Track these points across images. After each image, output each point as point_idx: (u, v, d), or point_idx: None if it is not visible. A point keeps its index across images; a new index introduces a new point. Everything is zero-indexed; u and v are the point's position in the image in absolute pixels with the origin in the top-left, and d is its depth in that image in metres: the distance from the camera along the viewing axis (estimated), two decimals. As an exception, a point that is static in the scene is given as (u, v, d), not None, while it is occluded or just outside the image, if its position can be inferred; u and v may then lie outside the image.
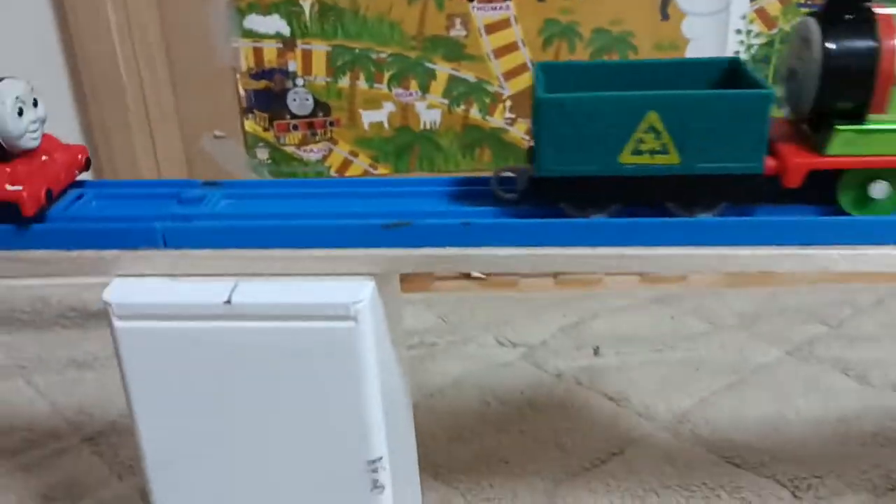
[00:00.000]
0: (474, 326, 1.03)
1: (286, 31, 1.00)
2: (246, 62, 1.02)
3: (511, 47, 1.03)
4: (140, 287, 0.51)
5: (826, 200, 0.53)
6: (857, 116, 0.52)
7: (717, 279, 1.16)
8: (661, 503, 0.76)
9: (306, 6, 0.99)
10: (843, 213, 0.53)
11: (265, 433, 0.52)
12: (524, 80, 1.04)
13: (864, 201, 0.53)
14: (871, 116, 0.51)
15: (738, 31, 1.03)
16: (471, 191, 0.56)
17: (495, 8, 1.00)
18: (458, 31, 1.01)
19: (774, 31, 1.03)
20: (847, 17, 0.51)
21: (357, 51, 1.01)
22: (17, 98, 0.53)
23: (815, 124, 0.53)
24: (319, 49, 1.01)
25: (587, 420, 0.87)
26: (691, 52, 1.04)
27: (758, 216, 0.53)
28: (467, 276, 1.16)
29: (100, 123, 1.00)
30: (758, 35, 1.03)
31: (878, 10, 0.52)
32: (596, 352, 0.99)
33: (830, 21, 0.51)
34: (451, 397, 0.91)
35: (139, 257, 0.51)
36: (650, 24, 1.02)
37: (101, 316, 1.05)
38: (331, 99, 1.03)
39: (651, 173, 0.51)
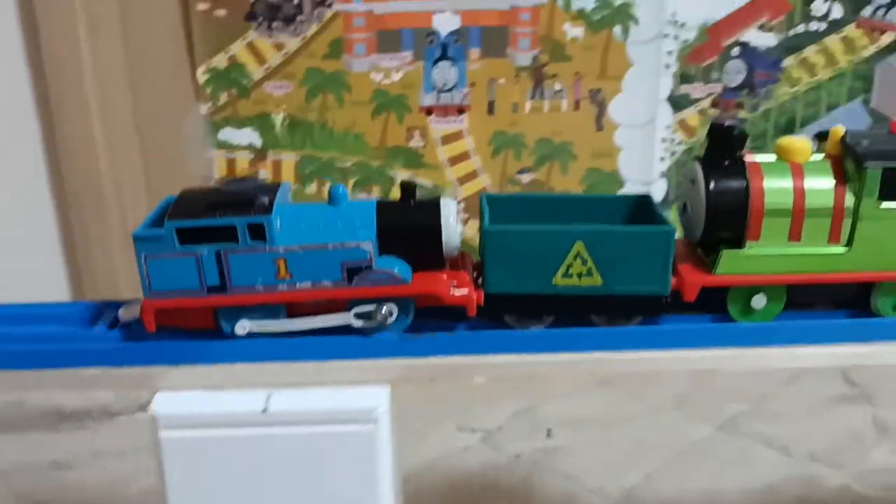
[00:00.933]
0: (434, 414, 1.10)
1: (258, 142, 1.09)
2: (219, 171, 1.09)
3: (464, 156, 1.13)
4: (183, 399, 0.57)
5: (719, 310, 0.64)
6: (738, 242, 0.63)
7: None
8: (624, 572, 0.84)
9: (278, 120, 1.08)
10: (732, 320, 0.64)
11: (291, 526, 0.59)
12: (476, 185, 1.15)
13: (748, 311, 0.64)
14: (749, 243, 0.62)
15: (664, 140, 1.16)
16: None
17: (450, 121, 1.11)
18: (416, 142, 1.11)
19: (694, 138, 1.17)
20: (724, 163, 0.63)
21: (324, 160, 1.10)
22: (456, 212, 0.61)
23: (705, 248, 0.64)
24: (289, 159, 1.10)
25: (548, 498, 0.95)
26: (623, 160, 1.16)
27: (664, 325, 0.63)
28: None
29: (82, 232, 1.06)
30: (680, 143, 1.17)
31: (748, 158, 0.64)
32: (549, 434, 1.08)
33: (711, 166, 0.63)
34: (421, 482, 0.98)
35: (182, 372, 0.58)
36: (587, 135, 1.15)
37: (75, 417, 1.08)
38: (299, 203, 1.11)
39: (579, 293, 0.61)
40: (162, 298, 0.58)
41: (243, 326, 0.59)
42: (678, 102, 1.15)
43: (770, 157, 0.64)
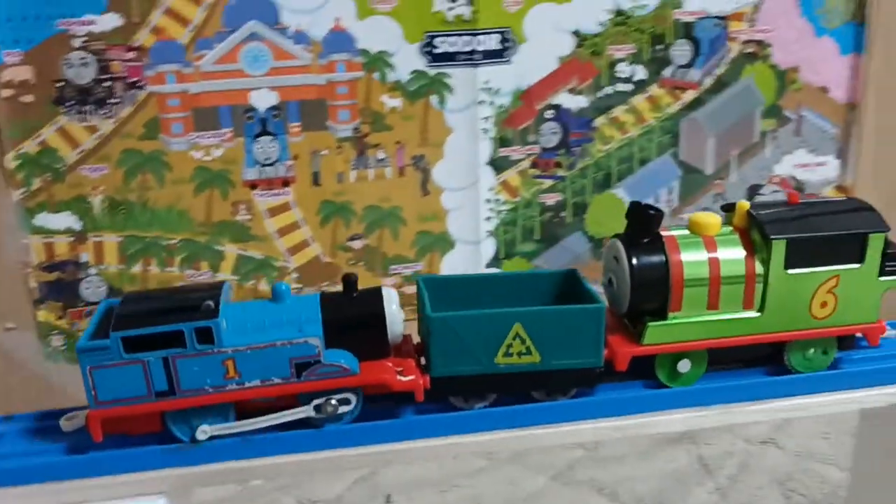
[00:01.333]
0: (273, 489, 1.10)
1: (77, 225, 1.07)
2: (37, 256, 1.07)
3: (293, 227, 1.14)
4: (-51, 530, 0.56)
5: (648, 376, 0.69)
6: (662, 313, 0.68)
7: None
8: None
9: (96, 202, 1.06)
10: (661, 385, 0.69)
11: None
12: (307, 254, 1.16)
13: (675, 374, 0.69)
14: (671, 314, 0.68)
15: (489, 201, 1.20)
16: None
17: (275, 194, 1.12)
18: (243, 216, 1.12)
19: (518, 198, 1.21)
20: (643, 239, 0.68)
21: (148, 239, 1.09)
22: (398, 300, 0.64)
23: (631, 318, 0.69)
24: (111, 240, 1.08)
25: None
26: (451, 221, 1.20)
27: (599, 394, 0.68)
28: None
29: None
30: (504, 203, 1.21)
31: (664, 233, 0.68)
32: (388, 501, 1.09)
33: (632, 243, 0.68)
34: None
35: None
36: (414, 200, 1.17)
37: None
38: (124, 284, 1.09)
39: (519, 370, 0.64)
40: (109, 408, 0.58)
41: (204, 431, 0.60)
42: (499, 165, 1.19)
43: (683, 232, 0.69)
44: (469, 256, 1.21)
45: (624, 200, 1.26)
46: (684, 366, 0.69)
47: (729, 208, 0.72)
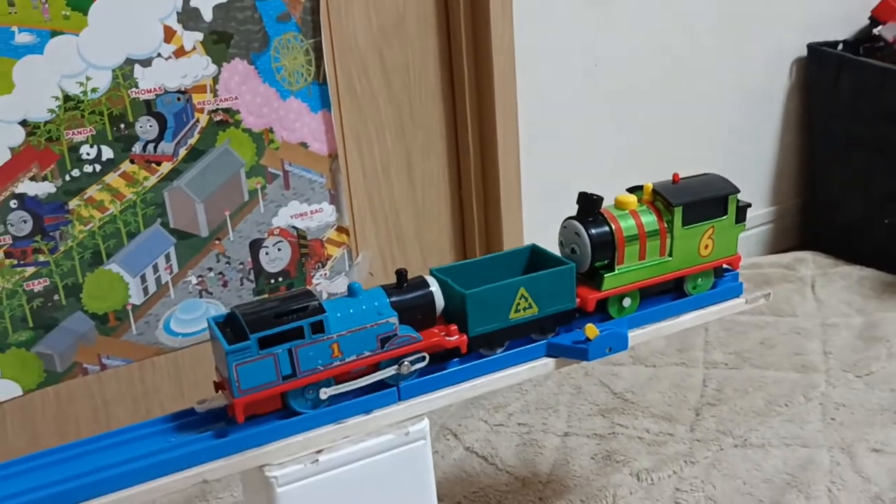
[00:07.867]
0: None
1: None
2: None
3: None
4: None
5: (602, 312, 0.95)
6: (611, 267, 0.94)
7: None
8: None
9: None
10: (610, 317, 0.95)
11: None
12: None
13: (622, 309, 0.96)
14: (618, 267, 0.94)
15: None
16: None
17: None
18: None
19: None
20: (591, 218, 0.93)
21: None
22: (438, 284, 0.85)
23: (587, 276, 0.94)
24: None
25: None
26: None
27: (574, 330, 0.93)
28: None
29: None
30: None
31: (604, 211, 0.94)
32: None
33: (584, 221, 0.93)
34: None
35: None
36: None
37: None
38: None
39: (525, 321, 0.88)
40: (249, 394, 0.74)
41: (325, 392, 0.78)
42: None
43: (614, 210, 0.96)
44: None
45: (122, 274, 1.28)
46: (627, 302, 0.96)
47: (634, 190, 1.01)
